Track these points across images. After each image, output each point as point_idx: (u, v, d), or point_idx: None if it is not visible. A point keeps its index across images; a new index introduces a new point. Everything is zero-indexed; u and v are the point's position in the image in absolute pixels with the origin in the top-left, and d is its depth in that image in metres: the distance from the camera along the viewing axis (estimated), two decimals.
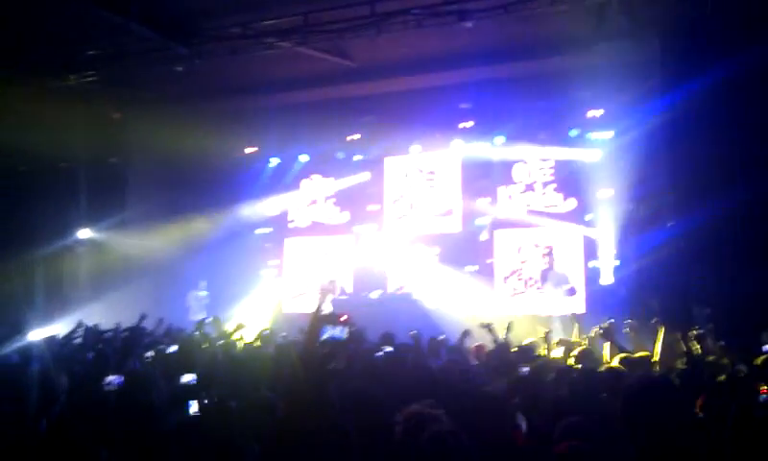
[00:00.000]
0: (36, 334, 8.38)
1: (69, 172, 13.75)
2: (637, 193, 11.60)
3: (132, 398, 4.12)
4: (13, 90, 11.47)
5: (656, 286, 10.50)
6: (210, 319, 8.62)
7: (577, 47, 10.02)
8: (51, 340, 7.83)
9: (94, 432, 3.62)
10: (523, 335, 8.04)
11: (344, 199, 14.97)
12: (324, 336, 2.14)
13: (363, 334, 6.98)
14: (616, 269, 12.10)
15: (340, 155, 14.81)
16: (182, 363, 5.65)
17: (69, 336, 8.43)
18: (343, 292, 13.34)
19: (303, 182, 15.31)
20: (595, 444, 2.94)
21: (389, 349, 6.16)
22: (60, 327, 10.50)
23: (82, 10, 9.48)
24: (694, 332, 5.20)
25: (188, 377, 4.80)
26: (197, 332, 7.72)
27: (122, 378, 4.57)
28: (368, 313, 11.04)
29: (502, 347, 6.89)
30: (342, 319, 2.20)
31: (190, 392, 4.58)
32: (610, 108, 12.14)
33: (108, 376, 4.58)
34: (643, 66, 10.48)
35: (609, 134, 12.25)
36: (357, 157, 14.71)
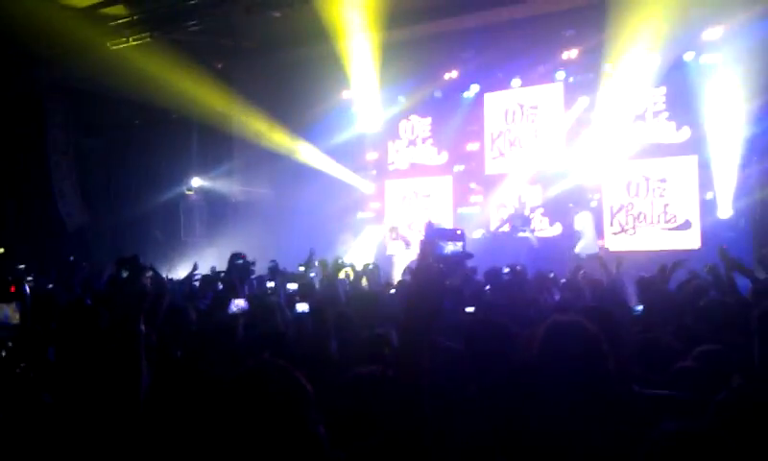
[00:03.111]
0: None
1: (180, 123, 14.33)
2: (760, 116, 10.78)
3: (258, 320, 4.28)
4: (124, 45, 11.99)
5: None
6: (317, 260, 8.84)
7: None
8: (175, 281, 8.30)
9: (223, 356, 3.81)
10: (635, 272, 7.75)
11: (442, 139, 14.81)
12: (441, 252, 2.09)
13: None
14: (735, 200, 11.39)
15: (437, 94, 14.59)
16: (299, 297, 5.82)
17: (189, 277, 8.89)
18: (405, 241, 13.26)
19: (401, 124, 15.24)
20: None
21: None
22: (178, 271, 11.12)
23: None
24: None
25: (302, 307, 4.94)
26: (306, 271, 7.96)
27: (247, 303, 4.77)
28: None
29: (618, 282, 6.66)
30: (457, 233, 2.15)
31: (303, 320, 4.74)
32: (728, 26, 11.24)
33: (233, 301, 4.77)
34: None
35: (727, 56, 11.36)
36: (455, 95, 14.43)
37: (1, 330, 3.18)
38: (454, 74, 14.17)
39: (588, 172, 12.88)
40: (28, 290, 3.56)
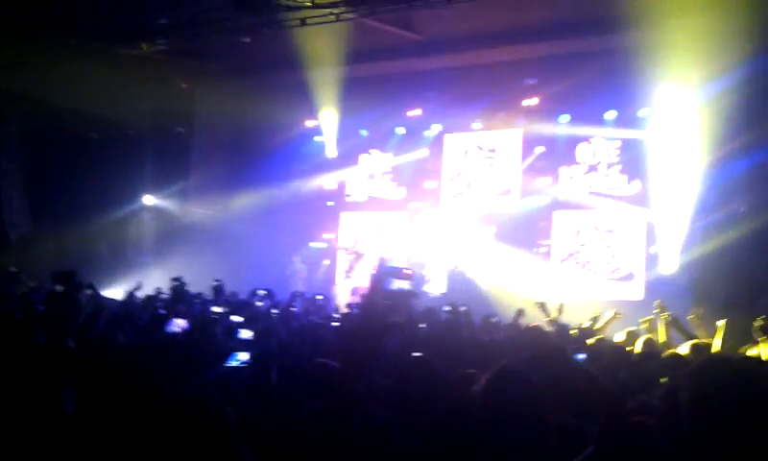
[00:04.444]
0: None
1: (137, 139, 14.15)
2: (708, 174, 11.19)
3: (197, 339, 4.24)
4: (85, 57, 11.84)
5: (720, 274, 10.17)
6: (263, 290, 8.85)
7: (654, 22, 9.66)
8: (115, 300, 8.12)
9: (160, 373, 3.75)
10: (577, 319, 7.91)
11: (401, 175, 14.95)
12: (390, 288, 2.13)
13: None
14: (679, 256, 11.74)
15: (399, 130, 14.78)
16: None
17: (128, 296, 8.68)
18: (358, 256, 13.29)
19: (362, 157, 15.34)
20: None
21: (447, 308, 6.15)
22: (122, 289, 10.88)
23: None
24: (759, 324, 5.02)
25: (246, 334, 4.91)
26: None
27: (188, 323, 4.72)
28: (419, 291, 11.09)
29: (561, 328, 6.79)
30: (406, 271, 2.19)
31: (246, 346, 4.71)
32: (684, 87, 11.69)
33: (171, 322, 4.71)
34: (721, 43, 10.04)
35: (680, 114, 11.80)
36: (417, 133, 14.64)
37: None
38: (417, 112, 14.38)
39: (541, 217, 13.15)
40: None
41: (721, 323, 5.69)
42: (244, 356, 4.03)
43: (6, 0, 10.37)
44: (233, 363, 3.93)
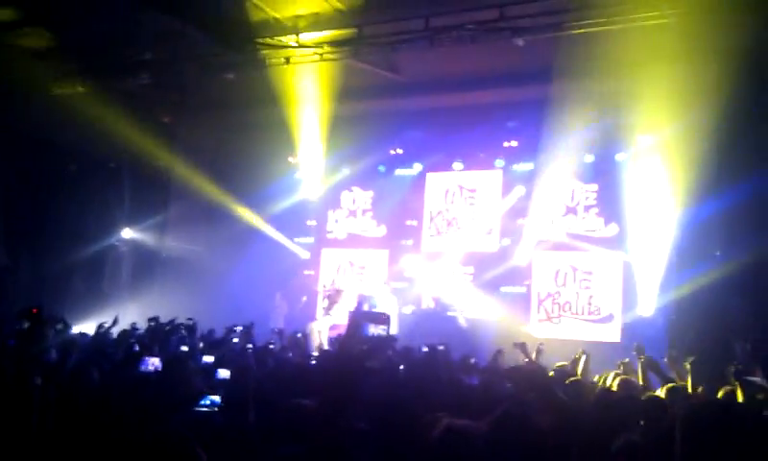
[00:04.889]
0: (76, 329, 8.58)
1: (116, 172, 14.08)
2: (684, 218, 11.37)
3: (170, 380, 4.18)
4: (66, 89, 11.84)
5: (694, 316, 10.27)
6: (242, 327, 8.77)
7: (629, 69, 9.91)
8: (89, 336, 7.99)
9: (132, 411, 3.69)
10: (555, 360, 7.92)
11: (382, 212, 15.01)
12: (366, 333, 2.13)
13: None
14: (656, 298, 11.85)
15: (381, 168, 14.88)
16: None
17: (105, 328, 8.56)
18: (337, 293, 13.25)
19: (343, 194, 15.40)
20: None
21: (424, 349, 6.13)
22: (97, 323, 10.72)
23: (139, 13, 9.74)
24: (732, 369, 5.07)
25: (224, 373, 4.85)
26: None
27: (161, 362, 4.66)
28: (399, 329, 11.05)
29: (538, 369, 6.78)
30: (383, 316, 2.20)
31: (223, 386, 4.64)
32: (659, 133, 11.94)
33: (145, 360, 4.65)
34: (696, 91, 10.30)
35: (657, 160, 12.03)
36: (398, 172, 14.76)
37: None
38: (399, 151, 14.53)
39: (520, 257, 13.23)
40: None
41: (687, 364, 5.76)
42: (217, 398, 3.96)
43: None
44: (206, 404, 3.86)
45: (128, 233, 14.56)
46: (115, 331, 8.33)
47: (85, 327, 9.97)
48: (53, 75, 11.73)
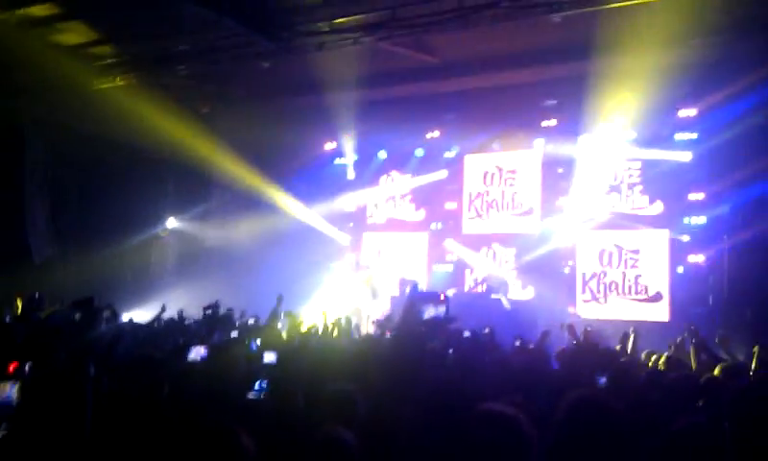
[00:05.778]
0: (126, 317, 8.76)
1: (159, 163, 14.31)
2: (730, 194, 11.06)
3: (215, 369, 4.22)
4: (109, 83, 12.05)
5: (746, 295, 10.00)
6: (285, 312, 8.79)
7: (671, 43, 9.61)
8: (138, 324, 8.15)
9: (180, 401, 3.73)
10: (601, 340, 7.82)
11: (421, 196, 14.95)
12: (425, 315, 2.09)
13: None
14: (705, 276, 11.56)
15: (419, 152, 14.80)
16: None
17: (153, 320, 8.74)
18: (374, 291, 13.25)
19: (382, 179, 15.38)
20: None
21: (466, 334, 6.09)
22: (145, 312, 10.96)
23: (175, 5, 9.81)
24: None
25: (270, 357, 4.88)
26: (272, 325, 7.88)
27: (207, 351, 4.71)
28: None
29: (585, 350, 6.69)
30: (441, 298, 2.16)
31: (269, 372, 4.66)
32: (703, 107, 11.61)
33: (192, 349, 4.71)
34: (740, 65, 9.98)
35: (701, 135, 11.72)
36: (436, 155, 14.65)
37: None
38: (436, 134, 14.41)
39: (562, 238, 13.03)
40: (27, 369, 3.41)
41: (755, 348, 5.63)
42: (264, 383, 3.98)
43: (32, 30, 10.58)
44: (255, 389, 3.89)
45: (172, 223, 14.81)
46: (164, 319, 8.49)
47: (133, 315, 10.19)
48: (93, 70, 11.92)
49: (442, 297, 2.14)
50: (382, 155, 15.15)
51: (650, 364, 6.23)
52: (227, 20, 9.96)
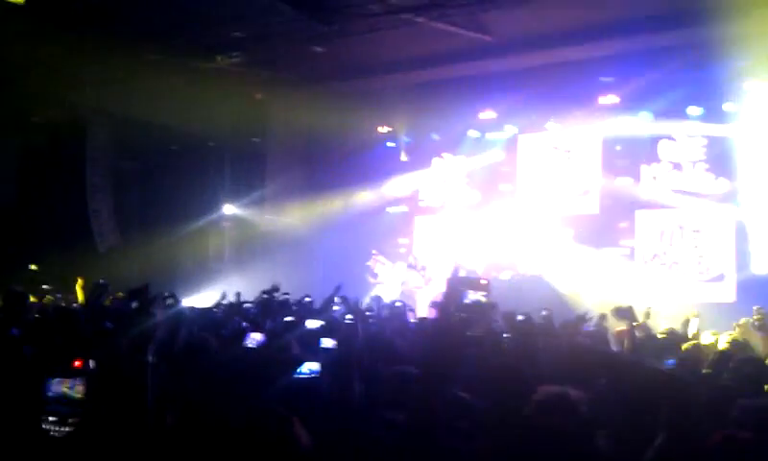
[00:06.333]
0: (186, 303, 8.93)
1: (216, 150, 14.57)
2: None
3: (270, 354, 4.27)
4: (166, 72, 12.28)
5: None
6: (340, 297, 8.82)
7: (734, 13, 9.17)
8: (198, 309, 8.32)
9: (236, 386, 3.79)
10: (664, 323, 7.61)
11: (475, 178, 14.77)
12: (465, 301, 2.05)
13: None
14: None
15: (472, 133, 14.60)
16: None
17: (215, 307, 8.90)
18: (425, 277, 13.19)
19: (435, 161, 15.26)
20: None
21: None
22: (205, 297, 11.21)
23: None
24: None
25: (327, 342, 4.89)
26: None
27: (264, 338, 4.77)
28: (497, 295, 10.86)
29: (647, 333, 6.52)
30: (482, 282, 2.10)
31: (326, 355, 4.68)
32: None
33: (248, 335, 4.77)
34: None
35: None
36: (490, 135, 14.43)
37: (64, 406, 3.09)
38: (490, 114, 14.17)
39: (622, 218, 12.70)
40: (92, 365, 3.49)
41: None
42: (316, 366, 3.99)
43: (89, 19, 10.82)
44: (304, 372, 3.90)
45: (229, 209, 15.07)
46: (224, 304, 8.65)
47: (193, 300, 10.43)
48: (147, 60, 12.17)
49: (483, 281, 2.08)
50: (435, 137, 15.01)
51: (714, 345, 6.03)
52: (280, 5, 10.01)
